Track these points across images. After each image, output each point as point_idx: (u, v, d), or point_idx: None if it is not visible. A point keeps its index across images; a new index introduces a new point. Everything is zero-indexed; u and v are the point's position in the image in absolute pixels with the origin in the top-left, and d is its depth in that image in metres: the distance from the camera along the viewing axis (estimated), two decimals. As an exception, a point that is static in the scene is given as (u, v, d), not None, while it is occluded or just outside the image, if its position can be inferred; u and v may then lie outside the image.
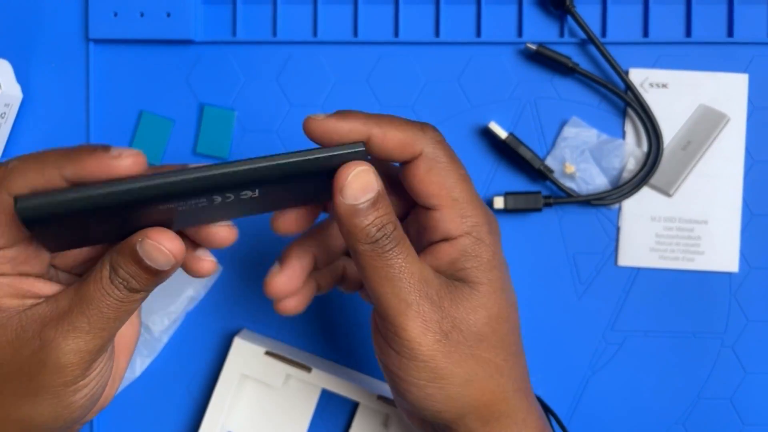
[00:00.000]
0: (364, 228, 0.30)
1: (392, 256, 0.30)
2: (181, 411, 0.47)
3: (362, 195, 0.29)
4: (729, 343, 0.46)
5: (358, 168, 0.29)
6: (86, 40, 0.47)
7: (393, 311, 0.30)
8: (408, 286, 0.30)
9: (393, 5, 0.46)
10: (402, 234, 0.31)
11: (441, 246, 0.32)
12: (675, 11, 0.46)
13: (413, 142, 0.31)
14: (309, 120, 0.30)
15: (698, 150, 0.45)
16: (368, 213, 0.30)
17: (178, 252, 0.29)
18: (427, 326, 0.30)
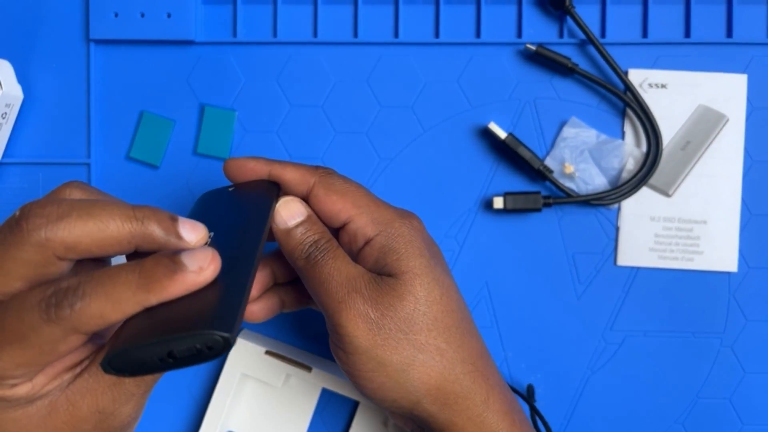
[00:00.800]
0: (297, 246, 0.35)
1: (323, 263, 0.34)
2: (181, 411, 0.47)
3: (290, 219, 0.35)
4: (728, 342, 0.46)
5: (285, 198, 0.35)
6: (87, 41, 0.47)
7: (329, 310, 0.34)
8: (337, 286, 0.34)
9: (393, 6, 0.46)
10: (332, 244, 0.35)
11: (364, 250, 0.35)
12: (674, 12, 0.46)
13: (306, 175, 0.36)
14: (227, 162, 0.37)
15: (697, 150, 0.46)
16: (298, 232, 0.35)
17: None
18: (358, 318, 0.33)
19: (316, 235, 0.35)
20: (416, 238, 0.35)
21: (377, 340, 0.33)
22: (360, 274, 0.34)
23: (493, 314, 0.46)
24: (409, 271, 0.34)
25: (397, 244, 0.35)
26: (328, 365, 0.46)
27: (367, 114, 0.47)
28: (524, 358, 0.46)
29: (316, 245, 0.34)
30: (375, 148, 0.46)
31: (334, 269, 0.34)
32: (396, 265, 0.34)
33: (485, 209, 0.46)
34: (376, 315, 0.33)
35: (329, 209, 0.36)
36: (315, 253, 0.34)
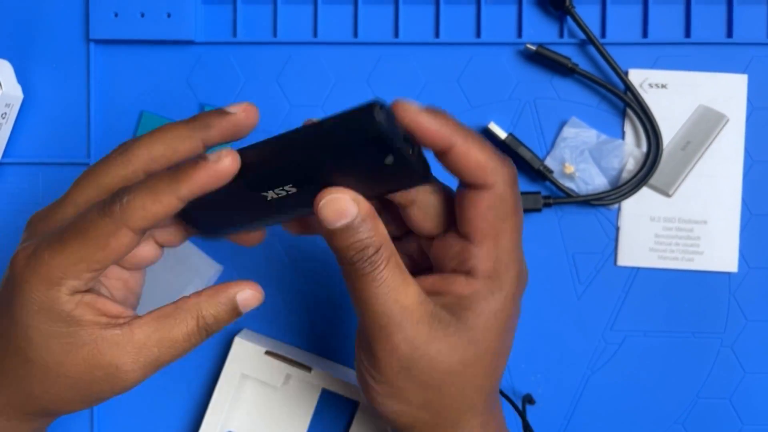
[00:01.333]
0: (341, 250, 0.30)
1: (369, 280, 0.30)
2: (181, 411, 0.47)
3: (336, 220, 0.29)
4: (728, 342, 0.46)
5: (330, 195, 0.29)
6: (87, 41, 0.47)
7: (366, 330, 0.31)
8: (381, 311, 0.30)
9: (393, 6, 0.46)
10: (386, 257, 0.30)
11: (458, 278, 0.32)
12: (674, 12, 0.46)
13: (490, 172, 0.30)
14: (401, 106, 0.29)
15: (697, 150, 0.46)
16: (345, 236, 0.30)
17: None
18: (393, 353, 0.31)
19: (365, 241, 0.30)
20: (512, 303, 0.32)
21: (405, 377, 0.31)
22: (416, 305, 0.31)
23: (493, 314, 0.46)
24: (479, 332, 0.31)
25: (494, 300, 0.31)
26: (328, 365, 0.46)
27: (367, 114, 0.47)
28: (524, 358, 0.46)
29: (363, 254, 0.30)
30: (375, 148, 0.46)
31: (381, 291, 0.30)
32: (474, 319, 0.31)
33: (485, 209, 0.46)
34: (414, 357, 0.31)
35: (475, 223, 0.31)
36: (362, 264, 0.30)
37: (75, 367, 0.31)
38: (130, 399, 0.47)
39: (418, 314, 0.30)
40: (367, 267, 0.30)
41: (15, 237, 0.47)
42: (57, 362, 0.31)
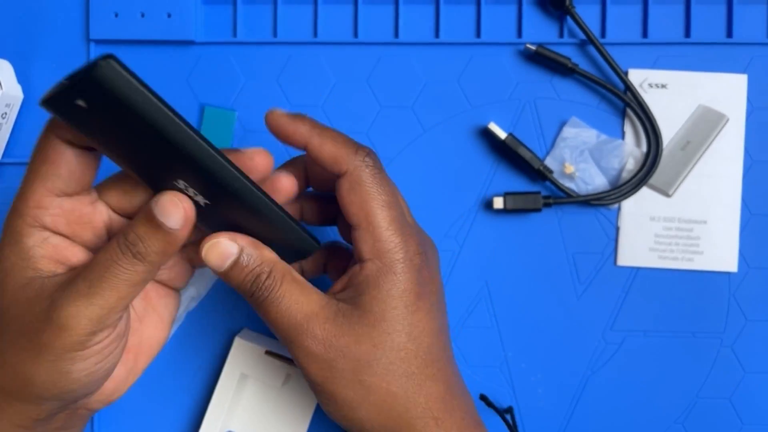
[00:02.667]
0: (238, 286, 0.33)
1: (269, 302, 0.33)
2: (181, 411, 0.47)
3: (223, 262, 0.33)
4: (728, 342, 0.46)
5: (212, 241, 0.33)
6: (87, 41, 0.47)
7: (287, 347, 0.34)
8: (288, 326, 0.33)
9: (393, 6, 0.46)
10: (278, 277, 0.33)
11: (355, 268, 0.34)
12: (674, 12, 0.46)
13: (342, 160, 0.33)
14: (269, 113, 0.34)
15: (697, 150, 0.46)
16: (234, 273, 0.33)
17: (189, 209, 0.31)
18: (310, 358, 0.33)
19: (255, 271, 0.33)
20: (407, 278, 0.33)
21: (328, 377, 0.33)
22: (318, 309, 0.33)
23: (493, 314, 0.46)
24: (377, 313, 0.33)
25: (384, 280, 0.33)
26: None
27: (367, 114, 0.47)
28: (524, 358, 0.46)
29: (257, 283, 0.33)
30: (375, 148, 0.46)
31: (282, 307, 0.33)
32: (369, 303, 0.33)
33: (485, 209, 0.46)
34: (329, 356, 0.33)
35: (343, 207, 0.34)
36: (257, 292, 0.33)
37: (31, 316, 0.30)
38: (131, 399, 0.47)
39: (323, 316, 0.33)
40: (265, 292, 0.33)
41: (15, 237, 0.47)
42: (18, 315, 0.31)
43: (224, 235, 0.33)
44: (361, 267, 0.34)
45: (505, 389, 0.46)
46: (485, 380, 0.46)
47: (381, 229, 0.33)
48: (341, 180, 0.33)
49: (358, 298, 0.33)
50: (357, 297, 0.33)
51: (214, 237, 0.33)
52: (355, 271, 0.34)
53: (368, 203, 0.33)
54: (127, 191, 0.33)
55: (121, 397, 0.46)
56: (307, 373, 0.33)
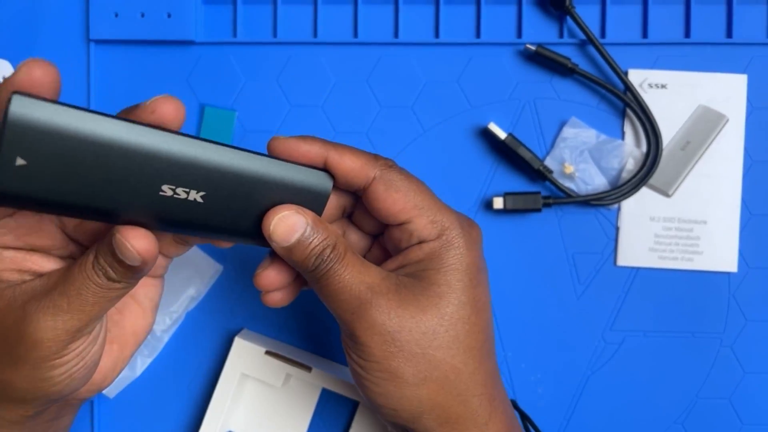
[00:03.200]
0: (301, 261, 0.32)
1: (332, 274, 0.32)
2: (181, 411, 0.47)
3: (290, 236, 0.32)
4: (728, 342, 0.46)
5: (279, 214, 0.32)
6: (87, 41, 0.47)
7: (343, 321, 0.33)
8: (351, 298, 0.32)
9: (393, 6, 0.46)
10: (342, 252, 0.32)
11: (412, 249, 0.34)
12: (674, 12, 0.46)
13: (367, 167, 0.33)
14: (273, 140, 0.33)
15: (697, 150, 0.46)
16: (300, 248, 0.32)
17: (146, 251, 0.29)
18: (373, 329, 0.32)
19: (321, 245, 0.32)
20: (469, 252, 0.34)
21: (392, 351, 0.32)
22: (379, 280, 0.33)
23: (494, 314, 0.46)
24: (443, 285, 0.33)
25: (447, 255, 0.33)
26: (328, 365, 0.46)
27: (367, 114, 0.47)
28: (524, 358, 0.46)
29: (322, 257, 0.32)
30: (375, 148, 0.46)
31: (345, 279, 0.32)
32: (434, 275, 0.33)
33: (485, 209, 0.46)
34: (393, 327, 0.32)
35: (389, 208, 0.34)
36: (322, 266, 0.32)
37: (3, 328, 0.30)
38: (130, 399, 0.47)
39: (385, 287, 0.32)
40: (327, 266, 0.32)
41: (15, 237, 0.47)
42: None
43: (291, 208, 0.32)
44: (420, 247, 0.34)
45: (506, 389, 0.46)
46: (485, 380, 0.46)
47: (433, 210, 0.34)
48: (373, 186, 0.33)
49: (420, 273, 0.33)
50: (419, 272, 0.33)
51: (281, 210, 0.32)
52: (412, 251, 0.34)
53: (411, 194, 0.34)
54: None
55: (120, 398, 0.46)
56: (368, 347, 0.32)
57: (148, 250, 0.29)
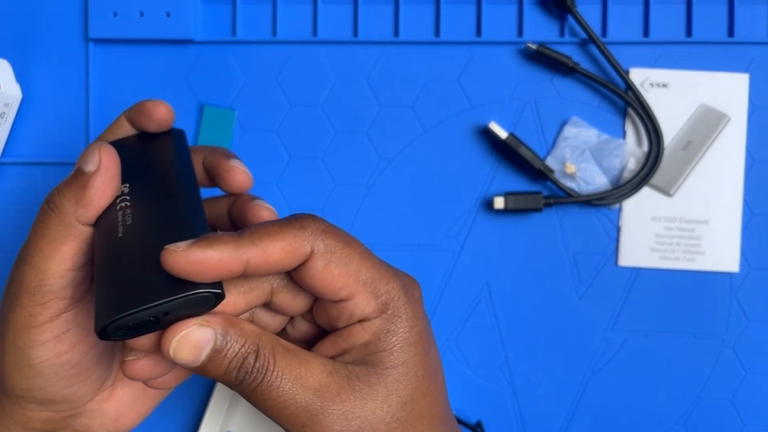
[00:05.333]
0: (222, 377, 0.28)
1: (264, 388, 0.27)
2: (181, 411, 0.47)
3: (198, 354, 0.27)
4: (729, 343, 0.45)
5: (178, 335, 0.27)
6: (86, 40, 0.47)
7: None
8: (297, 411, 0.28)
9: (393, 5, 0.46)
10: (269, 356, 0.28)
11: (354, 328, 0.30)
12: (675, 11, 0.46)
13: (298, 246, 0.28)
14: (167, 253, 0.26)
15: (699, 150, 0.45)
16: (215, 364, 0.27)
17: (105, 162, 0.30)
18: None
19: (239, 355, 0.27)
20: (416, 320, 0.30)
21: None
22: (326, 379, 0.28)
23: (494, 314, 0.46)
24: (399, 366, 0.29)
25: (396, 329, 0.29)
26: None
27: (367, 113, 0.46)
28: (525, 359, 0.46)
29: (246, 368, 0.27)
30: (375, 147, 0.46)
31: (285, 390, 0.28)
32: (387, 358, 0.29)
33: (486, 209, 0.46)
34: (354, 427, 0.28)
35: (327, 286, 0.29)
36: (248, 379, 0.27)
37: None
38: (130, 399, 0.47)
39: (335, 385, 0.28)
40: (255, 380, 0.27)
41: (14, 236, 0.47)
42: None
43: (193, 321, 0.27)
44: (363, 326, 0.29)
45: (506, 390, 0.46)
46: (486, 381, 0.46)
47: (377, 282, 0.29)
48: (310, 263, 0.28)
49: (370, 357, 0.29)
50: (368, 356, 0.29)
51: (181, 327, 0.27)
52: (355, 332, 0.30)
53: (353, 267, 0.29)
54: None
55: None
56: None
57: (106, 156, 0.30)
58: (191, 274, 0.26)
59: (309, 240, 0.28)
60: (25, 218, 0.47)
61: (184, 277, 0.26)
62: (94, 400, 0.34)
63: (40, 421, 0.33)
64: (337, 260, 0.28)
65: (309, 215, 0.29)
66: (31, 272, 0.30)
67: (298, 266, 0.28)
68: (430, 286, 0.46)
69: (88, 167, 0.30)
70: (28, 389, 0.32)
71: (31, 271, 0.30)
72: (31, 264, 0.30)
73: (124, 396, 0.35)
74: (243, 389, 0.28)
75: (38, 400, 0.32)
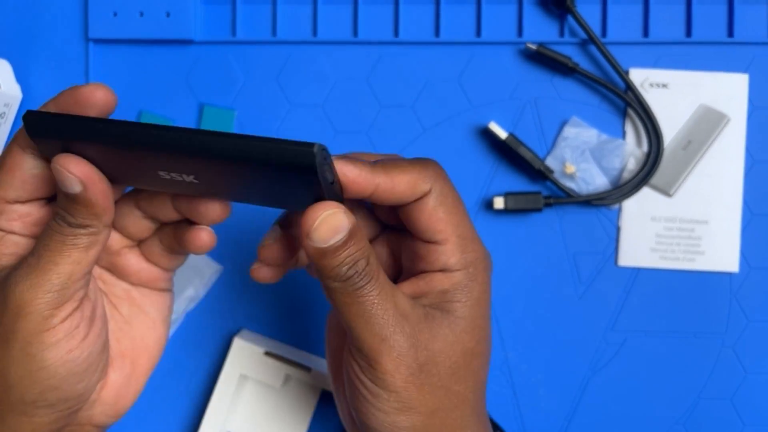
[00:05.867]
0: (334, 268, 0.29)
1: (365, 293, 0.30)
2: (181, 411, 0.47)
3: (331, 237, 0.29)
4: (729, 343, 0.45)
5: (326, 212, 0.29)
6: (86, 40, 0.47)
7: (367, 345, 0.30)
8: (382, 322, 0.30)
9: (393, 5, 0.46)
10: (375, 268, 0.30)
11: (435, 275, 0.32)
12: (675, 11, 0.46)
13: (421, 182, 0.31)
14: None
15: (698, 150, 0.45)
16: (338, 253, 0.29)
17: (83, 174, 0.29)
18: (401, 360, 0.30)
19: (359, 256, 0.29)
20: (488, 285, 0.33)
21: (415, 384, 0.30)
22: (409, 310, 0.31)
23: (494, 315, 0.46)
24: (469, 318, 0.32)
25: (473, 287, 0.32)
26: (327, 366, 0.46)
27: (367, 113, 0.46)
28: (525, 359, 0.46)
29: (357, 268, 0.29)
30: (375, 147, 0.46)
31: (379, 302, 0.30)
32: (460, 308, 0.32)
33: (486, 209, 0.46)
34: (423, 360, 0.30)
35: (432, 226, 0.32)
36: (355, 279, 0.29)
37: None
38: (129, 400, 0.47)
39: (415, 317, 0.31)
40: (361, 281, 0.29)
41: (13, 237, 0.47)
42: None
43: (338, 207, 0.29)
44: (445, 275, 0.32)
45: (506, 390, 0.46)
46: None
47: (468, 240, 0.32)
48: (425, 200, 0.31)
49: (446, 304, 0.32)
50: (444, 303, 0.32)
51: (326, 207, 0.29)
52: (436, 280, 0.32)
53: (456, 218, 0.32)
54: None
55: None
56: (390, 377, 0.30)
57: (85, 173, 0.29)
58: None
59: (430, 180, 0.31)
60: (24, 218, 0.47)
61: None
62: (94, 391, 0.34)
63: (47, 425, 0.32)
64: (446, 205, 0.31)
65: (432, 160, 0.32)
66: (53, 277, 0.30)
67: (413, 201, 0.31)
68: (430, 286, 0.46)
69: (75, 190, 0.30)
70: (41, 392, 0.31)
71: (53, 276, 0.30)
72: (51, 270, 0.30)
73: (117, 379, 0.35)
74: (344, 287, 0.29)
75: (50, 402, 0.32)
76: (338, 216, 0.29)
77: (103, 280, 0.36)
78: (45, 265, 0.30)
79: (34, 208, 0.32)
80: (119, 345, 0.35)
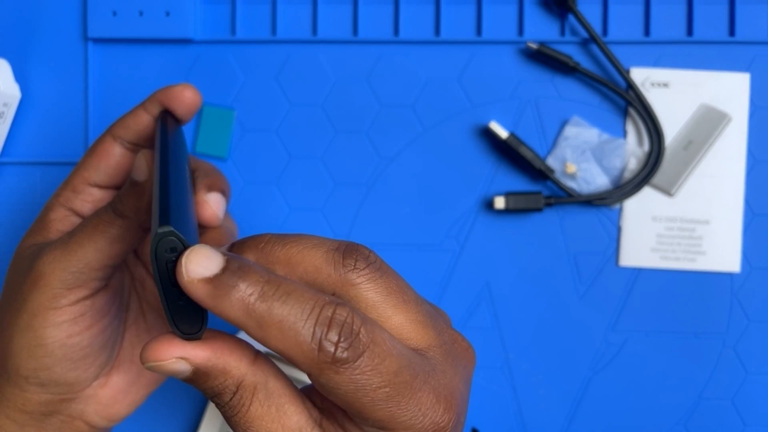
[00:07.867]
0: (201, 391, 0.26)
1: (238, 420, 0.26)
2: (181, 411, 0.47)
3: (174, 374, 0.25)
4: (730, 343, 0.45)
5: (150, 347, 0.25)
6: (85, 40, 0.46)
7: None
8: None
9: (393, 4, 0.46)
10: (247, 396, 0.26)
11: None
12: (676, 10, 0.46)
13: (327, 276, 0.26)
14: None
15: (700, 150, 0.45)
16: (198, 383, 0.26)
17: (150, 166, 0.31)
18: None
19: (218, 388, 0.25)
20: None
21: None
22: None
23: (494, 315, 0.46)
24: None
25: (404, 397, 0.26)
26: None
27: (367, 113, 0.46)
28: (525, 359, 0.46)
29: (223, 399, 0.26)
30: (375, 147, 0.46)
31: (256, 428, 0.26)
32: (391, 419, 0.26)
33: (486, 209, 0.46)
34: None
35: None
36: (223, 408, 0.26)
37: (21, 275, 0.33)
38: (129, 400, 0.47)
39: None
40: (229, 411, 0.26)
41: (13, 235, 0.47)
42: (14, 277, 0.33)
43: (176, 351, 0.25)
44: None
45: (507, 391, 0.46)
46: (486, 382, 0.46)
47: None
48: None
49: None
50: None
51: (163, 349, 0.25)
52: None
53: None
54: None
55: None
56: None
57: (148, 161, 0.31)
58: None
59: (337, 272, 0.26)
60: (24, 218, 0.47)
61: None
62: (91, 386, 0.35)
63: (38, 403, 0.33)
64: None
65: (355, 247, 0.27)
66: (73, 258, 0.31)
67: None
68: (430, 286, 0.46)
69: (139, 177, 0.31)
70: (34, 369, 0.32)
71: (74, 257, 0.31)
72: (75, 251, 0.31)
73: (119, 383, 0.35)
74: (219, 409, 0.26)
75: (41, 381, 0.33)
76: (170, 366, 0.25)
77: (144, 286, 0.37)
78: (72, 245, 0.31)
79: (107, 195, 0.35)
80: (132, 350, 0.36)
